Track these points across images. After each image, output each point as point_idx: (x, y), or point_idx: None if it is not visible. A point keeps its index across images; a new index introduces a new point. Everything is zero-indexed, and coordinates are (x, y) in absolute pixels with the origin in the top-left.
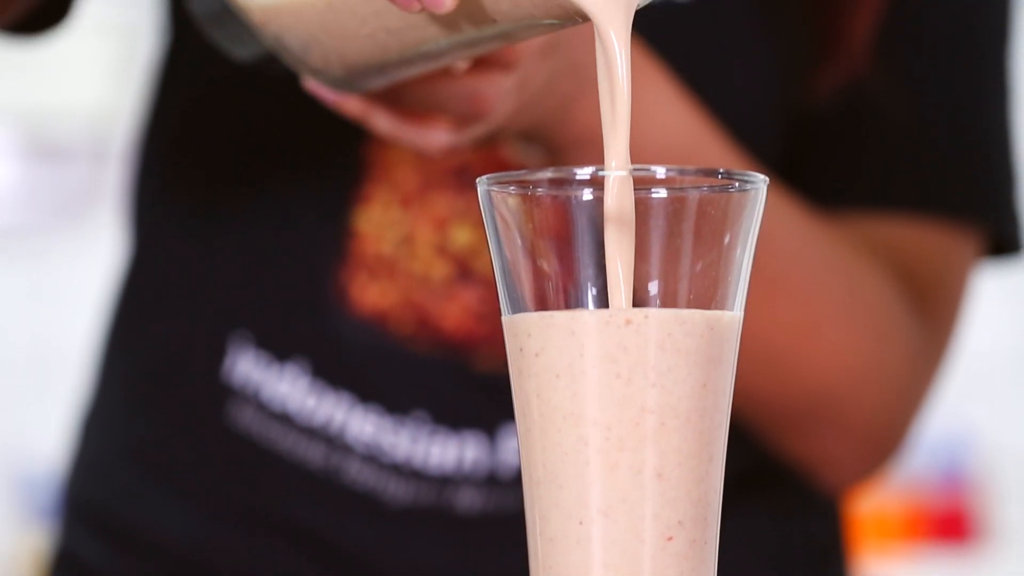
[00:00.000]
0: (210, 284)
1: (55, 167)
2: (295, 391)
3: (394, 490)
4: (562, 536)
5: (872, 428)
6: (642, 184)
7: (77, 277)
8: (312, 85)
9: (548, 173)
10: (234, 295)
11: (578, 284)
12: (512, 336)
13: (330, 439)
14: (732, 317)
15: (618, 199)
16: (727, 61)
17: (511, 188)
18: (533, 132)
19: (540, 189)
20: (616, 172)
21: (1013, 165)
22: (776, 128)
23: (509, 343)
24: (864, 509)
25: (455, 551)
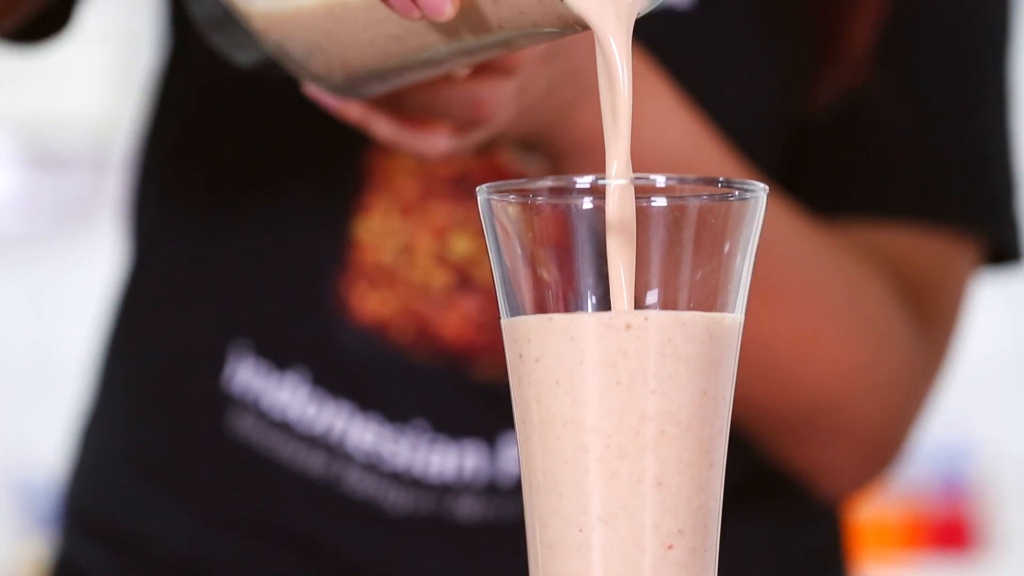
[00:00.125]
0: (210, 292)
1: (56, 175)
2: (295, 399)
3: (394, 498)
4: (562, 543)
5: (871, 435)
6: (642, 193)
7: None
8: (313, 90)
9: (548, 182)
10: (234, 303)
11: (578, 293)
12: (512, 343)
13: (330, 447)
14: (733, 319)
15: (620, 207)
16: (727, 68)
17: (511, 197)
18: (533, 138)
19: (540, 198)
20: (617, 180)
21: (1012, 173)
22: (776, 135)
23: (509, 350)
24: (864, 516)
25: (455, 559)
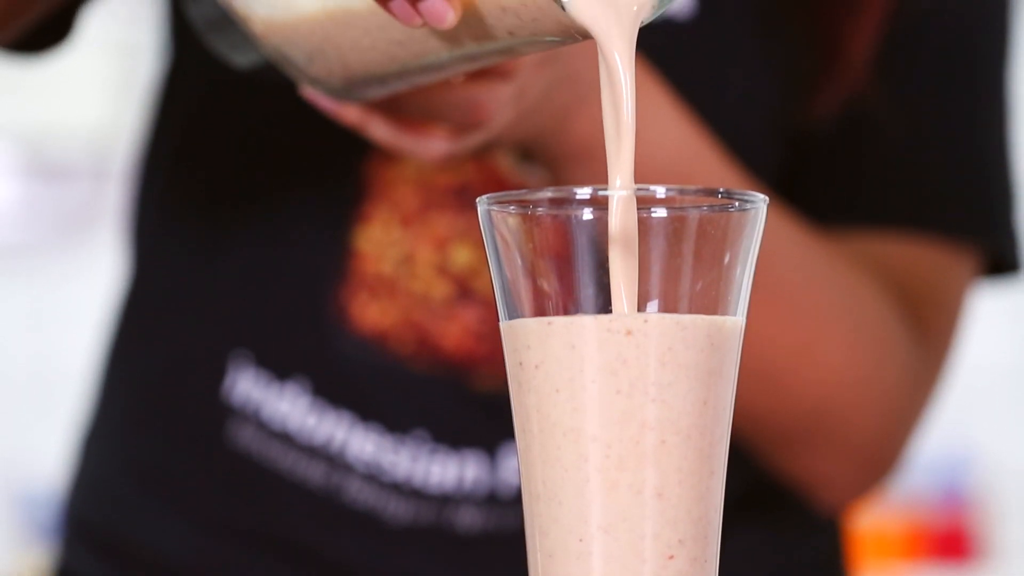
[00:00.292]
0: (210, 303)
1: (56, 185)
2: (295, 410)
3: (394, 509)
4: (562, 552)
5: (868, 446)
6: (642, 204)
7: (77, 295)
8: (310, 93)
9: (548, 193)
10: (234, 314)
11: (578, 303)
12: (512, 351)
13: (330, 458)
14: (734, 322)
15: (622, 219)
16: (727, 78)
17: (511, 208)
18: (531, 143)
19: (540, 209)
20: (619, 192)
21: (1011, 184)
22: (775, 145)
23: (508, 358)
24: (864, 527)
25: (455, 570)
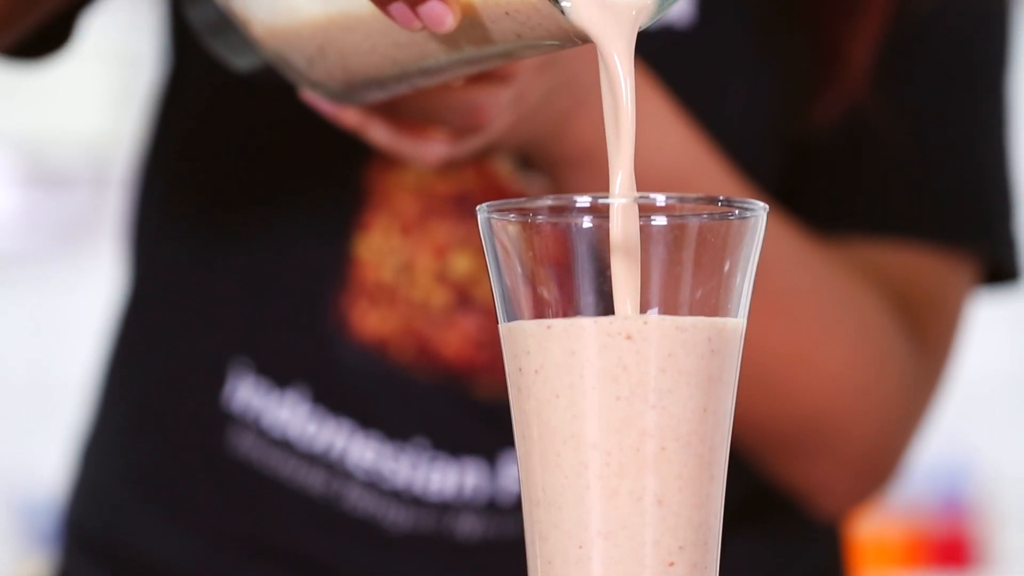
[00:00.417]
0: (211, 310)
1: (55, 194)
2: (295, 418)
3: (394, 516)
4: (561, 558)
5: (865, 454)
6: (642, 212)
7: (77, 304)
8: (310, 96)
9: (548, 201)
10: (235, 321)
11: (579, 311)
12: (512, 357)
13: (330, 465)
14: (735, 324)
15: (624, 227)
16: (727, 86)
17: (511, 216)
18: (529, 147)
19: (540, 217)
20: (620, 200)
21: (1010, 192)
22: (774, 152)
23: (508, 364)
24: (864, 534)
25: None
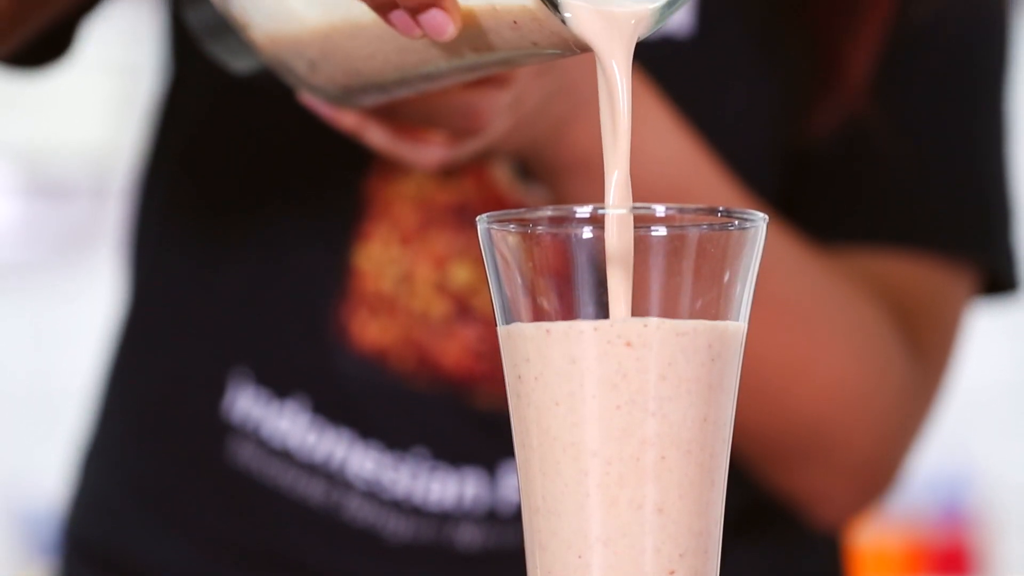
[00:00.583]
0: (210, 321)
1: (56, 204)
2: (295, 428)
3: (394, 527)
4: (561, 567)
5: (865, 463)
6: (642, 222)
7: (77, 314)
8: (308, 99)
9: (548, 211)
10: (234, 332)
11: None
12: (512, 365)
13: (330, 475)
14: (737, 327)
15: (619, 235)
16: (726, 95)
17: (511, 226)
18: (527, 152)
19: (540, 227)
20: (616, 210)
21: (1009, 202)
22: (773, 161)
23: (508, 370)
24: (864, 543)
25: None
